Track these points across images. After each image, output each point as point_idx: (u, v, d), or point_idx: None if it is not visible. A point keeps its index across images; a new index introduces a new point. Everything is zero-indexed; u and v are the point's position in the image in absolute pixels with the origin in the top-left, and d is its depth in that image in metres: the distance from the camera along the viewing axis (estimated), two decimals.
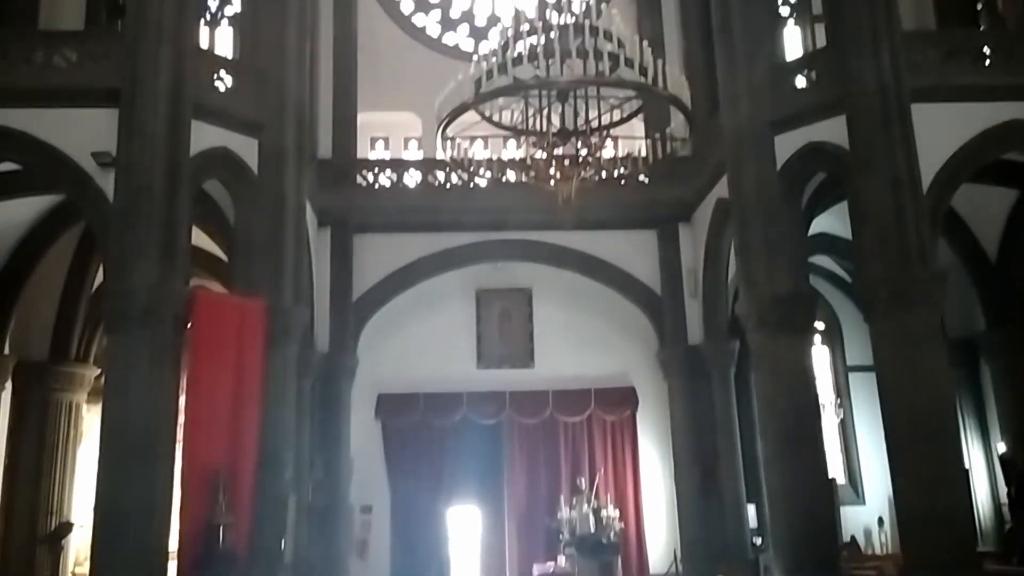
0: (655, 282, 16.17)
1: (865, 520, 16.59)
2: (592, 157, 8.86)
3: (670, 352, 15.92)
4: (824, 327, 17.80)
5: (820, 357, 17.38)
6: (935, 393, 10.27)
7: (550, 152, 8.77)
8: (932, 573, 9.75)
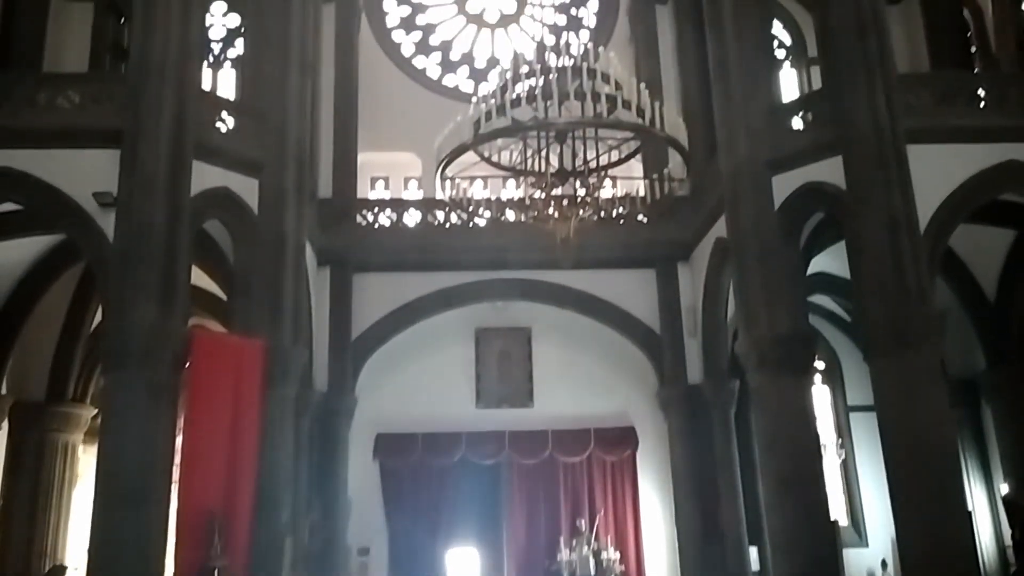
0: (654, 321, 16.15)
1: (868, 563, 16.33)
2: (590, 197, 8.92)
3: (670, 392, 15.85)
4: (824, 367, 17.74)
5: (821, 397, 17.28)
6: (936, 433, 10.20)
7: (548, 192, 8.82)
8: None
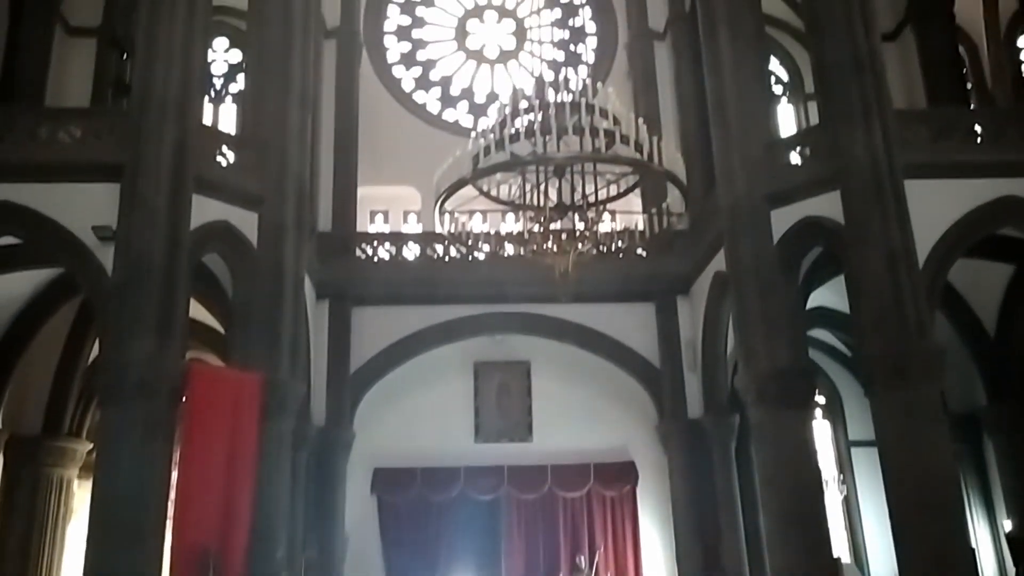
0: (654, 355, 16.10)
1: None
2: (589, 231, 8.92)
3: (670, 426, 15.75)
4: (825, 401, 17.67)
5: (821, 432, 17.19)
6: (938, 469, 10.12)
7: (547, 226, 8.83)
8: None
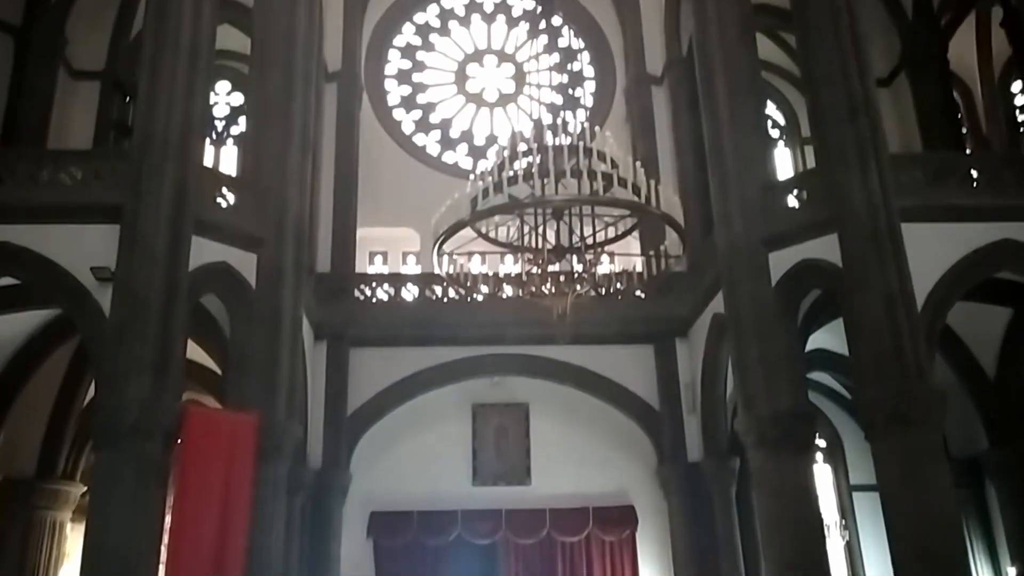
0: (653, 397, 16.01)
1: None
2: (587, 273, 8.94)
3: (669, 470, 15.61)
4: (826, 445, 17.54)
5: (823, 476, 17.03)
6: (940, 514, 10.01)
7: (545, 268, 8.84)
8: None
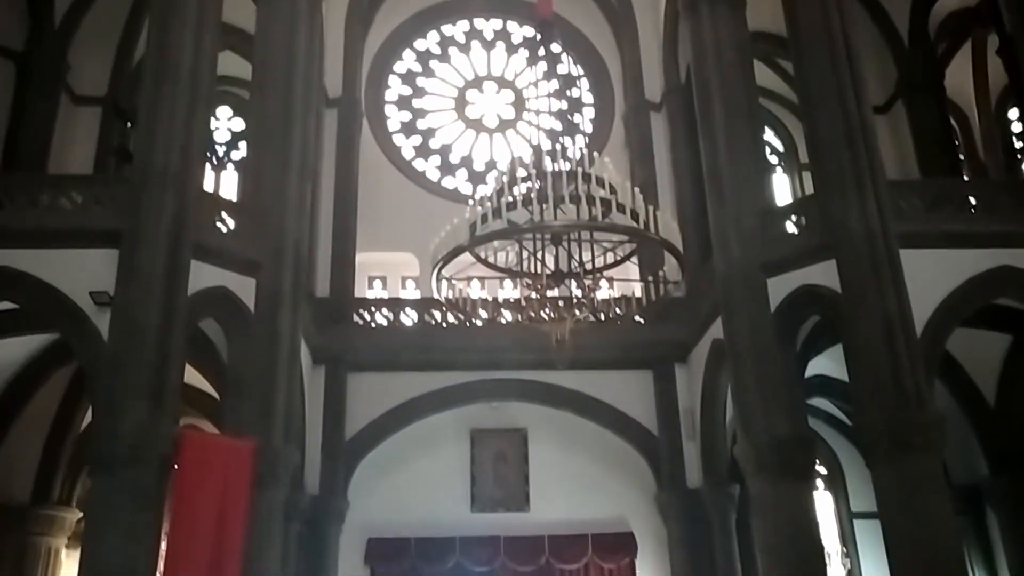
0: (652, 423, 15.94)
1: None
2: (586, 298, 8.95)
3: (668, 496, 15.51)
4: (826, 472, 17.45)
5: (823, 503, 16.93)
6: (941, 541, 9.94)
7: (543, 293, 8.85)
8: None
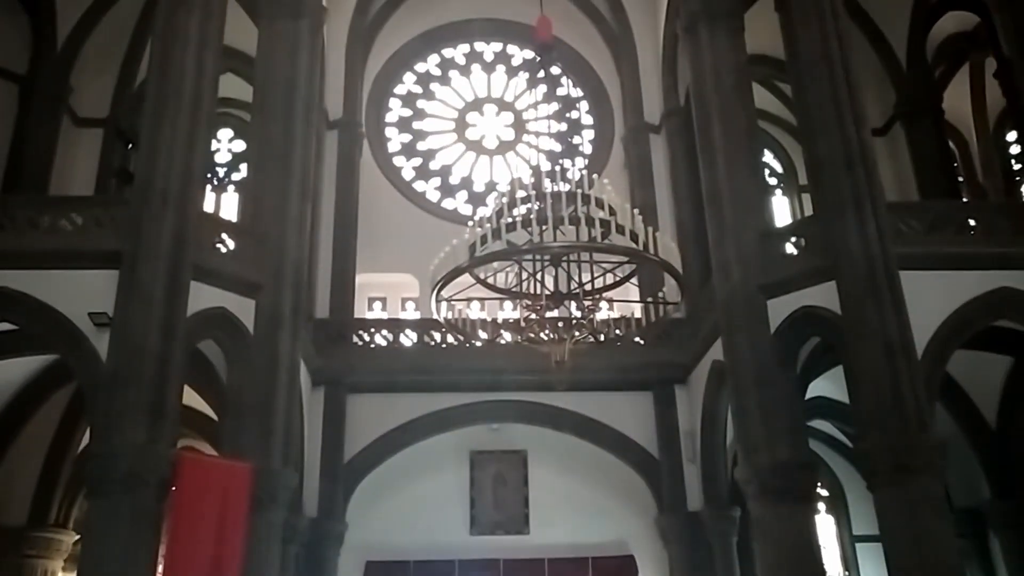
0: (652, 445, 15.87)
1: None
2: (586, 319, 8.92)
3: (669, 519, 15.41)
4: (828, 494, 17.35)
5: (825, 527, 16.82)
6: (943, 565, 9.83)
7: (543, 314, 8.83)
8: None
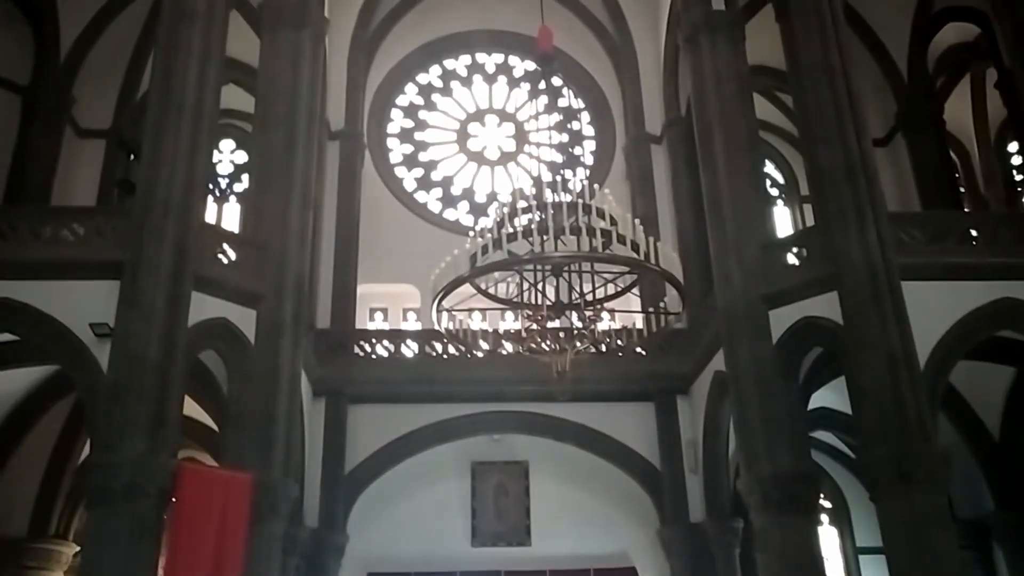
0: (654, 456, 15.82)
1: None
2: (587, 330, 8.90)
3: (671, 530, 15.34)
4: (831, 506, 17.26)
5: (828, 538, 16.73)
6: None
7: (544, 325, 8.82)
8: None
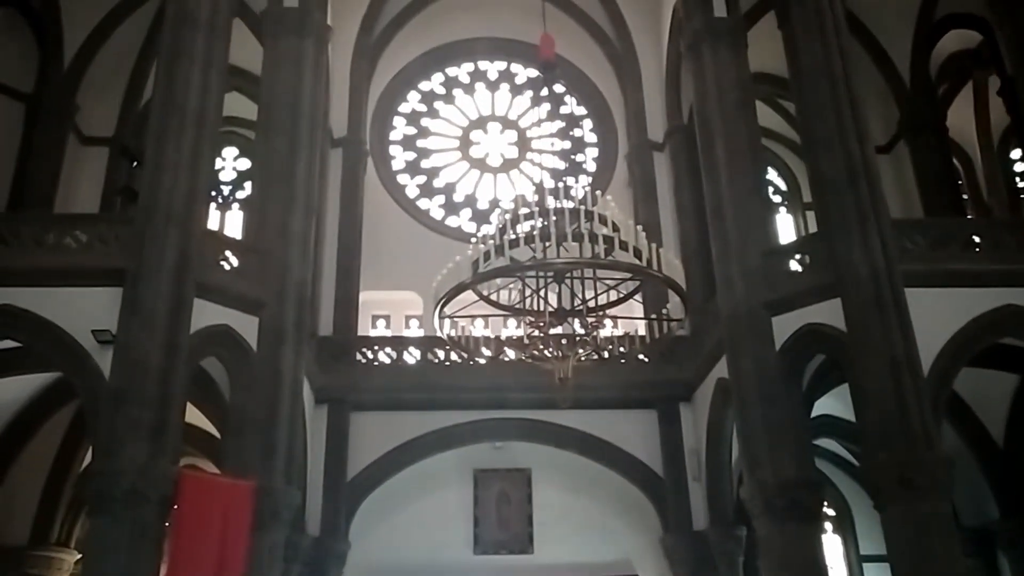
0: (657, 463, 15.76)
1: None
2: (589, 336, 8.89)
3: (674, 539, 15.27)
4: (835, 514, 17.20)
5: (832, 546, 16.67)
6: None
7: (546, 331, 8.80)
8: None
